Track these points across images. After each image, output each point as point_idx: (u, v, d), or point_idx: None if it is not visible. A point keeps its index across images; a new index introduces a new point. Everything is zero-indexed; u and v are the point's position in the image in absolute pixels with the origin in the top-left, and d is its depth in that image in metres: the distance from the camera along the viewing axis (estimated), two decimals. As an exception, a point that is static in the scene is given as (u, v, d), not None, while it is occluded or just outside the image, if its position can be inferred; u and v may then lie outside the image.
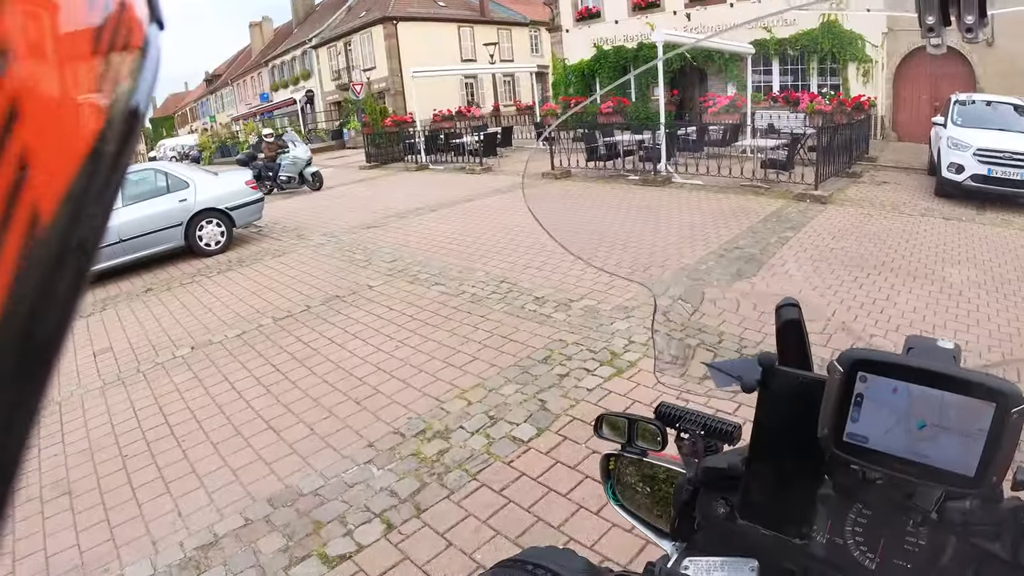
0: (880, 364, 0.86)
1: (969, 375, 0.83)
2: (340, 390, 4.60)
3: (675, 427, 1.25)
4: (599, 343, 5.11)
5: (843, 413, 0.88)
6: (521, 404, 4.20)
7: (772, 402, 1.04)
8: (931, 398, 0.83)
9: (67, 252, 0.29)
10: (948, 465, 0.82)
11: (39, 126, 0.27)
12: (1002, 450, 0.80)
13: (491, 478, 3.43)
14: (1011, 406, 0.78)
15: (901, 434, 0.85)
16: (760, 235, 8.52)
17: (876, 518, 0.96)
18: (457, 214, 10.94)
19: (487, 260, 7.75)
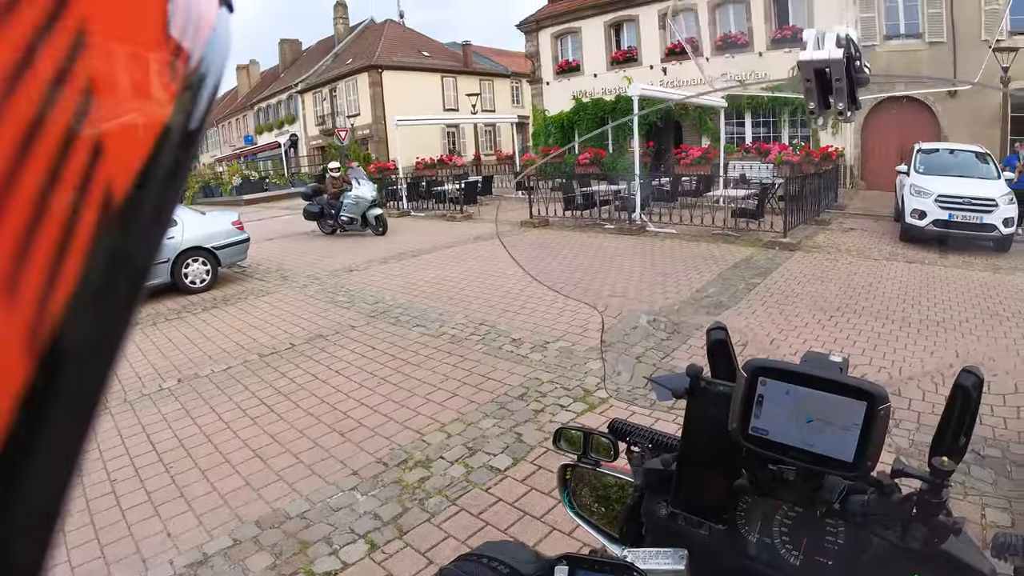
0: (775, 371, 1.09)
1: (845, 379, 1.05)
2: (325, 423, 4.78)
3: (626, 440, 1.44)
4: (573, 381, 5.35)
5: (748, 411, 1.10)
6: (498, 436, 4.42)
7: (697, 407, 1.25)
8: (815, 398, 1.05)
9: (137, 230, 0.31)
10: (832, 452, 1.03)
11: (114, 107, 0.29)
12: (873, 439, 1.01)
13: (470, 503, 3.63)
14: (878, 404, 1.00)
15: (793, 427, 1.07)
16: (729, 281, 8.88)
17: (799, 518, 1.16)
18: (438, 260, 11.20)
19: (467, 304, 7.99)
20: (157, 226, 0.33)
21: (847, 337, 6.37)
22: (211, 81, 0.37)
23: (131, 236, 0.30)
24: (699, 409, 1.25)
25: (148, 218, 0.32)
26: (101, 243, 0.28)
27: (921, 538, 1.03)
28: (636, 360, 5.66)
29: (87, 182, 0.27)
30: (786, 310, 7.41)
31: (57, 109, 0.26)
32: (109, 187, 0.28)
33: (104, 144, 0.28)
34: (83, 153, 0.27)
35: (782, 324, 6.87)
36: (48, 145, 0.25)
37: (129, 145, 0.30)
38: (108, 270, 0.28)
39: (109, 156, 0.28)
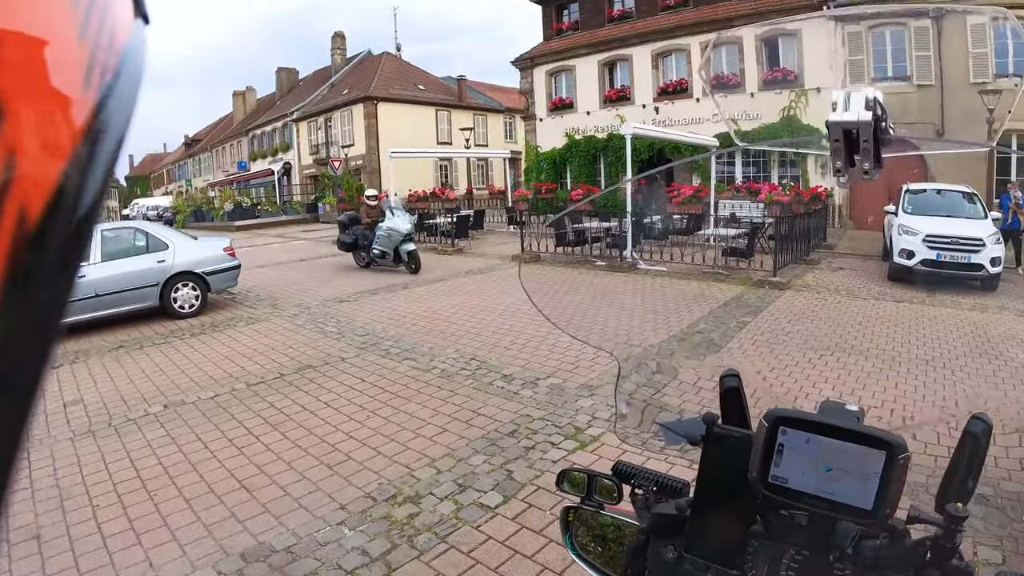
0: (796, 420, 1.10)
1: (865, 429, 1.06)
2: (313, 455, 4.73)
3: (630, 483, 1.43)
4: (564, 419, 5.33)
5: (768, 459, 1.11)
6: (489, 473, 4.38)
7: (713, 454, 1.26)
8: (835, 447, 1.06)
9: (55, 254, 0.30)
10: (851, 500, 1.04)
11: (25, 125, 0.28)
12: (892, 488, 1.02)
13: (459, 540, 3.58)
14: (897, 454, 1.01)
15: (813, 476, 1.07)
16: (720, 319, 8.90)
17: (806, 562, 1.15)
18: (429, 293, 11.20)
19: (457, 338, 7.97)
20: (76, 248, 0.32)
21: (837, 376, 6.38)
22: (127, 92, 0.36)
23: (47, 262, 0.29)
24: (715, 456, 1.26)
25: (65, 239, 0.30)
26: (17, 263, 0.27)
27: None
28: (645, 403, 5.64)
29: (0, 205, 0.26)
30: (776, 349, 7.44)
31: None
32: (24, 210, 0.27)
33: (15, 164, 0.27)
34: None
35: (772, 363, 6.89)
36: None
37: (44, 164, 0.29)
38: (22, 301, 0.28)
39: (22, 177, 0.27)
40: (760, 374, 6.45)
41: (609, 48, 27.15)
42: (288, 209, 35.29)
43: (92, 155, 0.32)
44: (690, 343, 7.69)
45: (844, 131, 1.08)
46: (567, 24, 30.06)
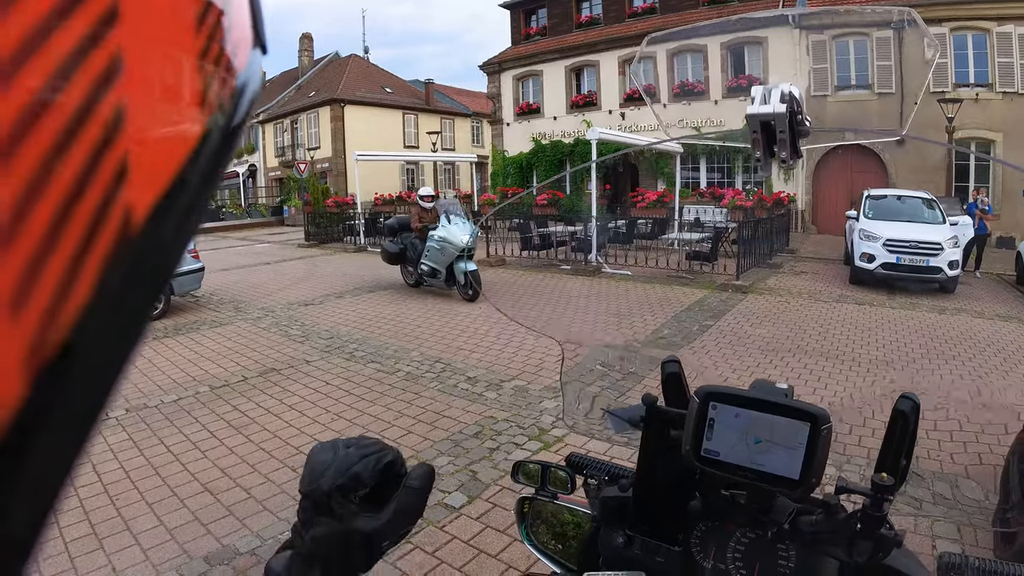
0: (725, 395, 1.16)
1: (789, 402, 1.13)
2: (277, 458, 4.72)
3: (583, 473, 1.48)
4: (528, 420, 5.40)
5: (700, 434, 1.16)
6: (453, 475, 4.42)
7: (652, 435, 1.32)
8: (763, 421, 1.12)
9: (153, 257, 0.31)
10: (779, 471, 1.10)
11: (142, 131, 0.29)
12: (817, 457, 1.08)
13: (424, 541, 3.62)
14: (821, 424, 1.07)
15: (743, 448, 1.13)
16: (683, 323, 9.07)
17: (752, 542, 1.21)
18: (394, 296, 11.21)
19: (422, 341, 8.00)
20: (172, 255, 0.33)
21: (799, 376, 6.56)
22: (239, 118, 0.38)
23: (145, 263, 0.30)
24: (654, 436, 1.31)
25: (164, 246, 0.32)
26: (114, 267, 0.28)
27: (866, 552, 1.09)
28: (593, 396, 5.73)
29: (107, 206, 0.27)
30: (739, 351, 7.60)
31: (85, 130, 0.26)
32: (129, 212, 0.29)
33: (129, 167, 0.28)
34: (107, 174, 0.27)
35: (735, 364, 7.04)
36: (73, 164, 0.26)
37: (153, 173, 0.31)
38: (118, 295, 0.29)
39: (133, 181, 0.29)
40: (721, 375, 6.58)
41: (576, 54, 27.42)
42: (253, 212, 34.98)
43: (197, 171, 0.34)
44: (654, 346, 7.81)
45: (762, 123, 1.13)
46: (535, 29, 30.30)
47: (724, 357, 7.38)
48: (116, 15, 0.27)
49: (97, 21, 0.26)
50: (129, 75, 0.28)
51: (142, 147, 0.29)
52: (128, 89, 0.28)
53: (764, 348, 7.71)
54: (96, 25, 0.26)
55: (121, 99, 0.28)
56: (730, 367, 6.95)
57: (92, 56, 0.26)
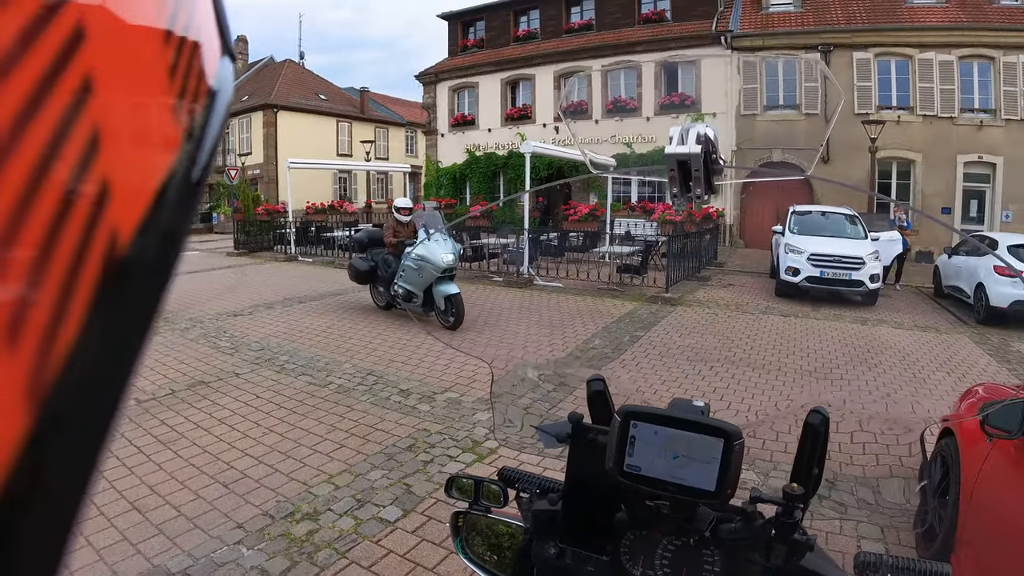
0: (645, 414, 1.25)
1: (705, 420, 1.22)
2: (207, 473, 4.65)
3: (515, 487, 1.54)
4: (461, 432, 5.46)
5: (622, 450, 1.24)
6: (387, 488, 4.44)
7: (578, 450, 1.40)
8: (680, 437, 1.21)
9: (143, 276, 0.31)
10: (696, 483, 1.18)
11: (119, 155, 0.29)
12: (731, 471, 1.17)
13: (360, 555, 3.63)
14: (734, 440, 1.17)
15: (662, 463, 1.21)
16: (614, 334, 9.27)
17: (678, 550, 1.29)
18: (325, 307, 11.11)
19: (354, 353, 7.97)
20: (163, 272, 0.33)
21: (727, 386, 6.82)
22: (214, 128, 0.38)
23: (136, 283, 0.30)
24: (580, 451, 1.39)
25: (153, 265, 0.32)
26: (105, 290, 0.28)
27: (782, 556, 1.18)
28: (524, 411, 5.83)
29: (92, 229, 0.27)
30: (668, 362, 7.83)
31: (63, 156, 0.26)
32: (114, 234, 0.29)
33: (110, 191, 0.28)
34: (88, 200, 0.27)
35: (664, 375, 7.25)
36: (53, 192, 0.25)
37: (134, 192, 0.30)
38: (112, 316, 0.29)
39: (115, 203, 0.29)
40: (651, 387, 6.77)
41: (513, 67, 27.72)
42: (178, 219, 33.96)
43: (180, 183, 0.34)
44: (585, 358, 7.98)
45: (679, 162, 1.21)
46: (472, 41, 30.49)
47: (653, 368, 7.59)
48: (82, 37, 0.27)
49: (63, 44, 0.26)
50: (101, 95, 0.28)
51: (121, 169, 0.29)
52: (101, 111, 0.28)
53: (692, 359, 7.97)
54: (63, 48, 0.26)
55: (96, 121, 0.28)
56: (659, 378, 7.16)
57: (62, 80, 0.26)
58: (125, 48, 0.30)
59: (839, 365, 7.95)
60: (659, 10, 25.50)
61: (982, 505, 3.05)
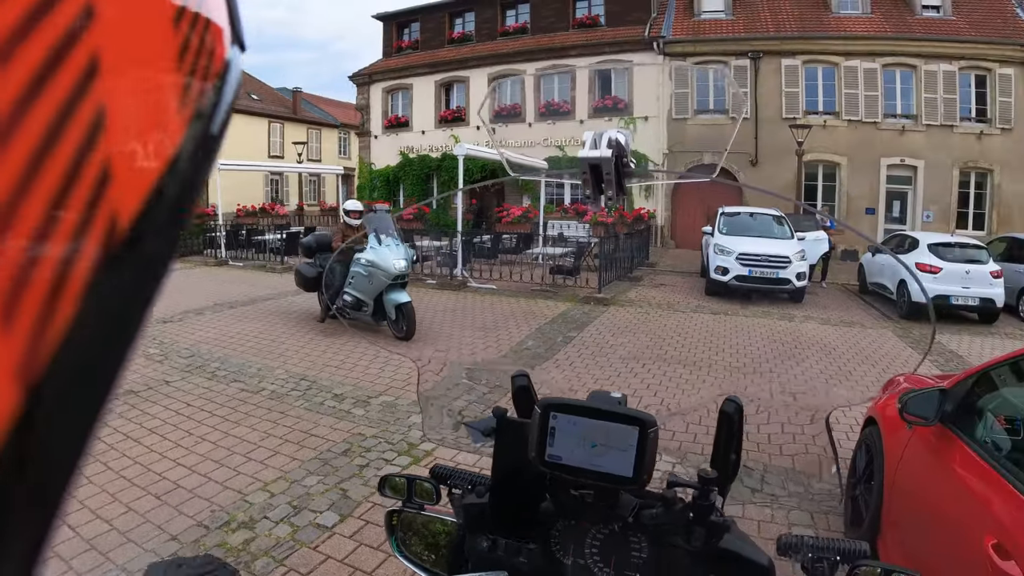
0: (564, 406, 1.32)
1: (620, 410, 1.30)
2: (139, 485, 4.58)
3: (447, 484, 1.58)
4: (397, 436, 5.50)
5: (543, 441, 1.31)
6: (323, 494, 4.46)
7: (503, 443, 1.46)
8: (598, 427, 1.28)
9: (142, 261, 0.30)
10: (614, 470, 1.26)
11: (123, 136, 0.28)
12: (647, 457, 1.25)
13: (298, 562, 3.65)
14: (648, 428, 1.25)
15: (582, 452, 1.28)
16: (547, 335, 9.44)
17: (607, 538, 1.36)
18: (257, 312, 10.96)
19: (286, 358, 7.91)
20: (163, 256, 0.33)
21: (660, 383, 7.06)
22: (220, 114, 0.38)
23: (135, 265, 0.30)
24: (505, 444, 1.45)
25: (153, 248, 0.32)
26: (104, 272, 0.28)
27: (701, 538, 1.26)
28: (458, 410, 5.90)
29: (93, 209, 0.27)
30: (600, 361, 8.02)
31: (66, 135, 0.26)
32: (114, 215, 0.28)
33: (112, 171, 0.28)
34: (90, 180, 0.27)
35: (597, 374, 7.43)
36: (55, 170, 0.25)
37: (137, 175, 0.30)
38: (109, 300, 0.28)
39: (116, 184, 0.28)
40: (584, 385, 6.93)
41: (447, 69, 27.74)
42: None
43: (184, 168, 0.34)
44: (519, 359, 8.09)
45: (591, 165, 1.30)
46: (407, 43, 30.36)
47: (587, 367, 7.77)
48: (91, 15, 0.27)
49: (72, 21, 0.26)
50: (107, 76, 0.28)
51: (124, 150, 0.29)
52: (107, 91, 0.28)
53: (625, 357, 8.17)
54: (72, 25, 0.26)
55: (100, 101, 0.27)
56: (592, 376, 7.33)
57: (69, 58, 0.26)
58: (134, 30, 0.31)
59: (767, 360, 8.28)
60: (593, 15, 25.94)
61: (904, 489, 3.25)
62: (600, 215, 20.82)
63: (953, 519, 2.62)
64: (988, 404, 2.88)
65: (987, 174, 21.95)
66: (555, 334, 9.53)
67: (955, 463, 2.73)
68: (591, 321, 10.56)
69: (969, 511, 2.51)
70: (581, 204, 23.59)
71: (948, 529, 2.65)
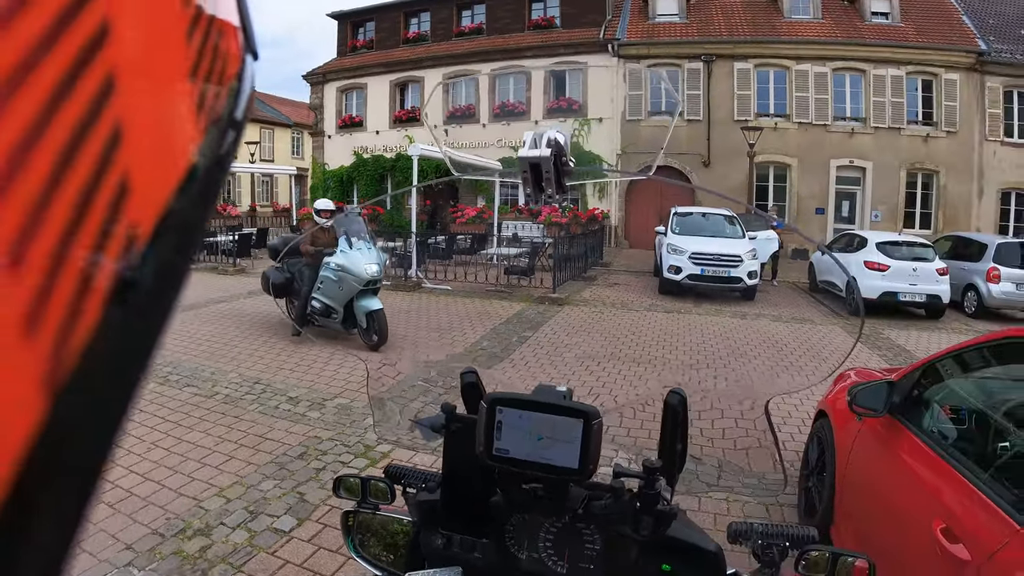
0: (510, 400, 1.34)
1: (564, 403, 1.32)
2: (90, 492, 4.50)
3: (401, 483, 1.61)
4: (353, 438, 5.50)
5: (491, 435, 1.33)
6: (280, 498, 4.44)
7: (453, 439, 1.48)
8: (543, 420, 1.30)
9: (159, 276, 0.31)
10: (561, 462, 1.28)
11: (140, 150, 0.29)
12: (592, 448, 1.27)
13: (256, 568, 3.63)
14: (592, 420, 1.27)
15: (528, 445, 1.31)
16: (502, 335, 9.49)
17: (559, 530, 1.38)
18: (208, 315, 10.78)
19: (240, 362, 7.82)
20: (180, 268, 0.34)
21: (614, 381, 7.16)
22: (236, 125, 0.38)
23: (153, 277, 0.30)
24: (454, 440, 1.47)
25: (170, 260, 0.32)
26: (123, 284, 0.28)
27: (649, 527, 1.29)
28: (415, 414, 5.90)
29: (111, 223, 0.27)
30: (555, 360, 8.10)
31: (85, 150, 0.26)
32: (133, 229, 0.29)
33: (130, 185, 0.28)
34: (108, 194, 0.27)
35: (552, 373, 7.50)
36: (74, 185, 0.25)
37: (154, 187, 0.30)
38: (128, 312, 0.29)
39: (135, 198, 0.28)
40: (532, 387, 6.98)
41: (402, 69, 27.64)
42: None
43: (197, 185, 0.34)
44: (474, 359, 8.12)
45: (531, 164, 1.31)
46: (362, 42, 30.16)
47: (542, 367, 7.84)
48: (107, 33, 0.27)
49: (88, 40, 0.26)
50: (123, 92, 0.28)
51: (141, 164, 0.29)
52: (123, 107, 0.28)
53: (580, 356, 8.27)
54: (87, 44, 0.26)
55: (117, 117, 0.28)
56: (546, 375, 7.42)
57: (86, 76, 0.26)
58: (149, 46, 0.31)
59: (720, 356, 8.46)
60: (548, 17, 26.11)
61: (855, 480, 3.37)
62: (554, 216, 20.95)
63: (903, 506, 2.73)
64: (934, 395, 3.02)
65: (933, 175, 22.80)
66: (510, 334, 9.59)
67: (904, 452, 2.84)
68: (546, 321, 10.64)
69: (918, 498, 2.62)
70: (535, 205, 23.67)
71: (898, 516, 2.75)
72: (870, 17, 23.60)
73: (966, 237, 14.72)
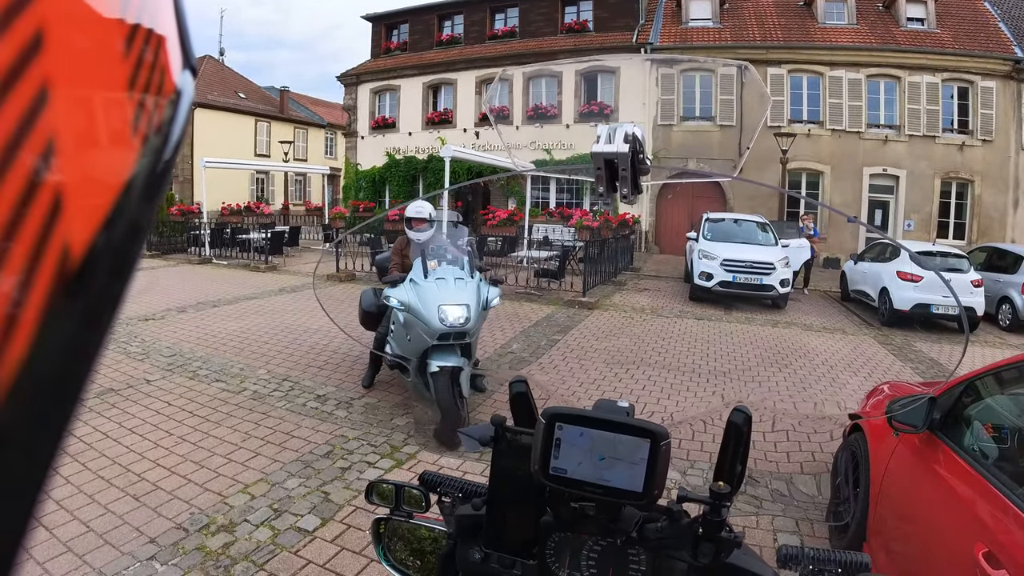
0: (570, 416, 1.24)
1: (631, 421, 1.23)
2: (117, 486, 4.52)
3: (437, 491, 1.51)
4: (380, 438, 5.47)
5: (548, 453, 1.24)
6: (305, 496, 4.42)
7: (502, 453, 1.39)
8: (606, 439, 1.21)
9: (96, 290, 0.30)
10: (623, 485, 1.19)
11: (76, 164, 0.28)
12: (658, 471, 1.18)
13: (278, 567, 3.61)
14: (660, 440, 1.18)
15: (589, 465, 1.21)
16: (532, 338, 9.44)
17: (603, 550, 1.30)
18: (240, 311, 10.86)
19: (269, 359, 7.85)
20: (117, 284, 0.33)
21: (643, 388, 7.06)
22: (173, 138, 0.37)
23: (89, 294, 0.30)
24: (504, 455, 1.38)
25: (107, 275, 0.31)
26: (57, 301, 0.27)
27: (709, 554, 1.21)
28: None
29: (45, 239, 0.27)
30: (585, 364, 8.01)
31: (16, 165, 0.25)
32: (67, 244, 0.28)
33: (64, 200, 0.28)
34: (42, 209, 0.26)
35: (582, 377, 7.43)
36: (5, 201, 0.25)
37: (90, 202, 0.30)
38: (64, 328, 0.28)
39: (68, 213, 0.28)
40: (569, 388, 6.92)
41: (435, 71, 27.75)
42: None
43: (134, 200, 0.33)
44: (504, 361, 8.08)
45: (606, 160, 1.23)
46: (396, 44, 30.35)
47: (571, 371, 7.76)
48: (40, 45, 0.26)
49: (20, 52, 0.26)
50: (57, 106, 0.27)
51: (75, 180, 0.29)
52: (57, 121, 0.27)
53: (609, 361, 8.18)
54: (19, 56, 0.26)
55: (51, 132, 0.27)
56: (577, 380, 7.33)
57: (17, 89, 0.25)
58: (84, 59, 0.30)
59: (752, 366, 8.31)
60: (582, 20, 26.06)
61: (890, 495, 3.26)
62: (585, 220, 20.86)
63: (942, 526, 2.63)
64: (975, 412, 2.91)
65: (968, 184, 22.28)
66: (539, 337, 9.53)
67: (944, 470, 2.74)
68: (575, 325, 10.57)
69: (959, 519, 2.51)
70: (566, 208, 23.63)
71: (937, 536, 2.66)
72: (906, 23, 23.16)
73: (1001, 248, 14.31)
